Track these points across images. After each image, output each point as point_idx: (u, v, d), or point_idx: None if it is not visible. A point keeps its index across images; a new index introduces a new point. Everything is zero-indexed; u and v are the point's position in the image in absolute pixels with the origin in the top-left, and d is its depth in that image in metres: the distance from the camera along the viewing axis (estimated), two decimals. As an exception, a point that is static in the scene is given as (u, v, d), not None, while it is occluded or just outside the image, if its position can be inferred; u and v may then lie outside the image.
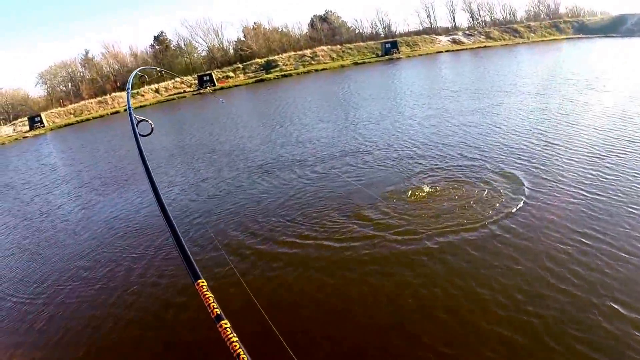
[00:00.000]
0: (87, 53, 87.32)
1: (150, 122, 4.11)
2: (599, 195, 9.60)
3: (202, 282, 2.08)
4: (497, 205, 9.68)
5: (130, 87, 5.79)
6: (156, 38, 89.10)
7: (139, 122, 4.00)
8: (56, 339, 7.86)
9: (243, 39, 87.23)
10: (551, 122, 16.45)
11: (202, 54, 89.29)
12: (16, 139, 57.03)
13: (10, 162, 35.64)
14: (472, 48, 74.05)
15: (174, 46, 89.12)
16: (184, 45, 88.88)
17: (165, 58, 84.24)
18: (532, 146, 13.70)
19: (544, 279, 6.91)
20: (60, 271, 10.81)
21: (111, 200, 16.22)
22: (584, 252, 7.48)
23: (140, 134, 3.84)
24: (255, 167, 16.63)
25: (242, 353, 1.70)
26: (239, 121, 30.76)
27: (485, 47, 74.27)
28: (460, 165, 12.71)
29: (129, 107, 4.49)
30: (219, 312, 1.91)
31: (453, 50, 73.14)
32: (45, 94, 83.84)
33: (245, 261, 9.30)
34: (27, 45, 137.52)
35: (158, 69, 12.23)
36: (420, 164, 13.49)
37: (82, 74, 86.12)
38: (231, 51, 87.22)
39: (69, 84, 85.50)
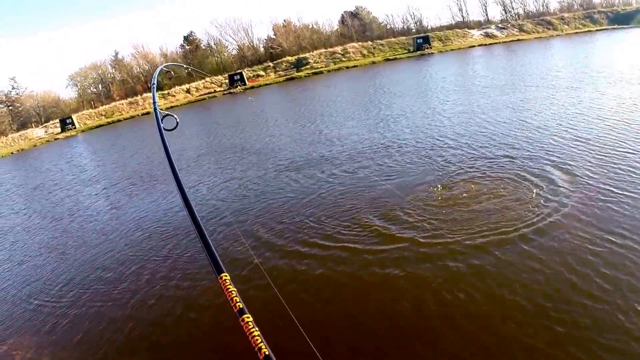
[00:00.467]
0: (117, 54, 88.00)
1: (175, 116, 4.19)
2: (628, 192, 9.10)
3: (225, 276, 2.11)
4: (525, 205, 9.31)
5: (155, 82, 5.79)
6: (186, 38, 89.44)
7: (164, 116, 4.12)
8: (79, 339, 7.97)
9: (273, 36, 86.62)
10: (581, 117, 15.61)
11: (233, 53, 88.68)
12: (48, 140, 58.40)
13: (41, 164, 36.37)
14: (505, 42, 71.81)
15: (204, 46, 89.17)
16: (214, 44, 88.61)
17: (195, 57, 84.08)
18: (561, 142, 13.16)
19: (570, 283, 6.63)
20: (86, 271, 10.90)
21: (139, 201, 16.16)
22: (612, 253, 7.10)
23: (165, 129, 3.94)
24: (283, 166, 16.36)
25: (263, 347, 1.69)
26: (268, 120, 30.57)
27: (518, 40, 72.03)
28: (489, 164, 12.28)
29: (154, 102, 4.65)
30: (241, 306, 1.92)
31: (486, 45, 71.10)
32: (76, 95, 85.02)
33: (270, 258, 9.29)
34: (57, 46, 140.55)
35: (185, 66, 12.14)
36: (448, 162, 13.03)
37: (112, 75, 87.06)
38: (261, 49, 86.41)
39: (100, 86, 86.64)
